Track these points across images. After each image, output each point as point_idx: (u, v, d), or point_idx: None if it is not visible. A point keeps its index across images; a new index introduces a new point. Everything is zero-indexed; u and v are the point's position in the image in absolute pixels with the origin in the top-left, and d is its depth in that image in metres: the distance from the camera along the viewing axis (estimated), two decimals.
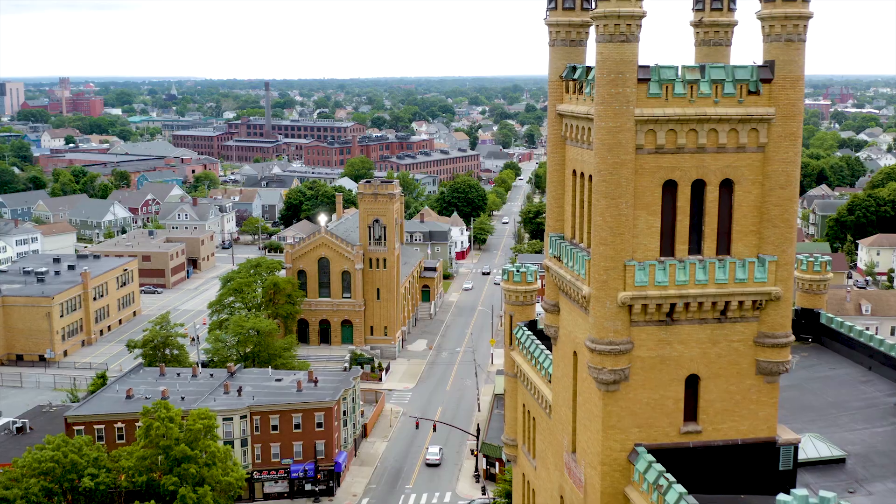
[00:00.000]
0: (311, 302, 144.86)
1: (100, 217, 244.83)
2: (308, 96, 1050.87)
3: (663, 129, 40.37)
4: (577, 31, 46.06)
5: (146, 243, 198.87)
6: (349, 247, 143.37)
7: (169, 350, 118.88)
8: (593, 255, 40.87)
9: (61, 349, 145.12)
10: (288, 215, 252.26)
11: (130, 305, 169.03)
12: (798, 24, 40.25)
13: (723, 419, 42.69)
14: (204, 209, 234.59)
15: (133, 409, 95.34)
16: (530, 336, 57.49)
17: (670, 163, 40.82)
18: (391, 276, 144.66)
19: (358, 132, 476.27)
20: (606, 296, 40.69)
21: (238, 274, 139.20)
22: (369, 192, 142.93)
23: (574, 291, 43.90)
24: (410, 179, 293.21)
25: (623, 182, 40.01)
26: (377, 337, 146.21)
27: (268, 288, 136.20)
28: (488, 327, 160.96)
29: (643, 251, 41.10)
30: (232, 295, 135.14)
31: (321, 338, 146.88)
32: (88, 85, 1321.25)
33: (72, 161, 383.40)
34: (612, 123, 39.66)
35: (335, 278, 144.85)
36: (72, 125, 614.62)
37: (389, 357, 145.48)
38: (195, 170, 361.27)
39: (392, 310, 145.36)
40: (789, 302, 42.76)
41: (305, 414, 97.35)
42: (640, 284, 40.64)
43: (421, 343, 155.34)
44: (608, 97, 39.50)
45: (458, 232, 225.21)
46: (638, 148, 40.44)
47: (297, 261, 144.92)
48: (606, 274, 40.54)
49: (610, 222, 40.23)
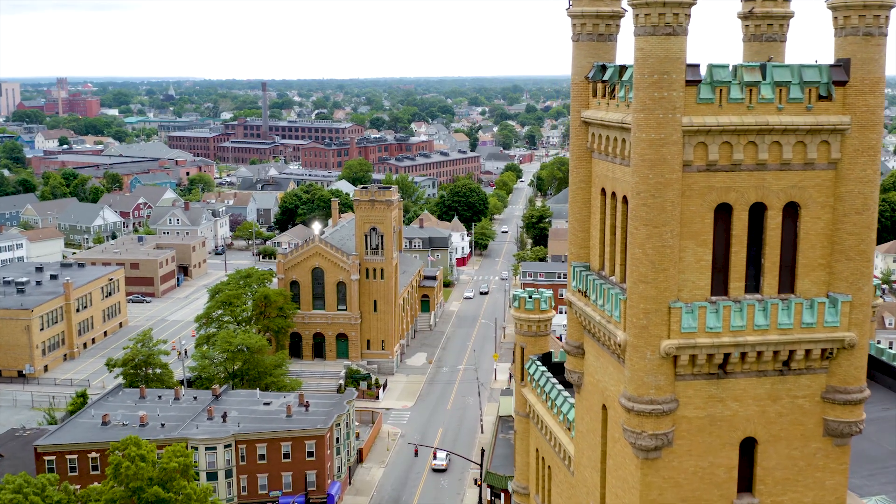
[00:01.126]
0: (304, 314, 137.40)
1: (89, 222, 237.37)
2: (307, 97, 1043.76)
3: (716, 141, 33.24)
4: (605, 24, 38.86)
5: (135, 250, 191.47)
6: (345, 256, 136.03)
7: (151, 369, 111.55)
8: (630, 295, 33.67)
9: (41, 364, 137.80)
10: (283, 220, 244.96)
11: (116, 317, 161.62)
12: (879, 14, 33.15)
13: (784, 490, 35.74)
14: (196, 214, 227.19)
15: (109, 436, 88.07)
16: (545, 374, 50.31)
17: (724, 182, 33.70)
18: (389, 288, 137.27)
19: (356, 133, 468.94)
20: (647, 345, 33.49)
21: (227, 285, 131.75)
22: (366, 198, 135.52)
23: (604, 335, 36.69)
24: (409, 182, 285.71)
25: (668, 206, 32.80)
26: (374, 351, 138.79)
27: (258, 300, 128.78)
28: (490, 339, 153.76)
29: (691, 290, 33.96)
30: (220, 308, 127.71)
31: (315, 352, 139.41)
32: (86, 85, 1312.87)
33: (64, 163, 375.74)
34: (654, 135, 32.45)
35: (330, 289, 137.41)
36: (67, 126, 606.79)
37: (387, 372, 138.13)
38: (190, 172, 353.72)
39: (390, 322, 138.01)
40: (865, 350, 35.54)
41: (295, 442, 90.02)
42: (688, 331, 33.50)
43: (420, 357, 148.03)
44: (650, 103, 32.29)
45: (459, 237, 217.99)
46: (685, 165, 33.29)
47: (289, 271, 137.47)
48: (647, 318, 33.35)
49: (651, 255, 33.02)
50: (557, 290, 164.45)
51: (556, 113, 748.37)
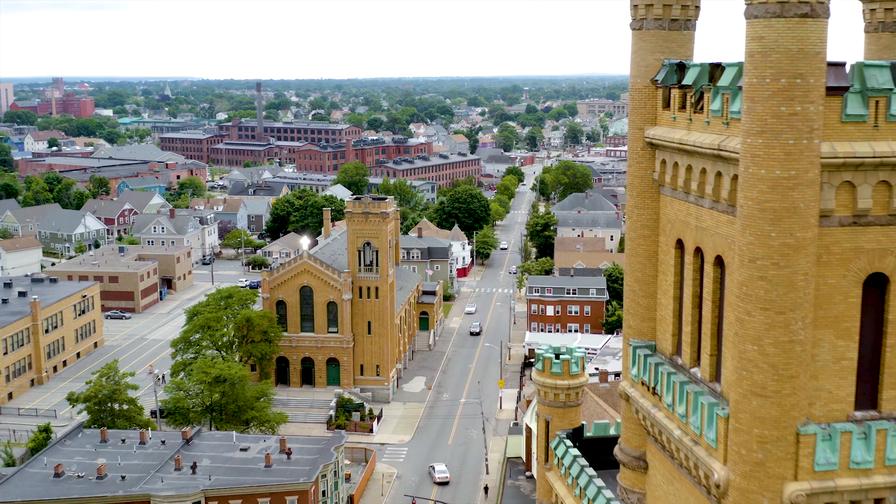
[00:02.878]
0: (291, 337, 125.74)
1: (71, 230, 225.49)
2: (305, 97, 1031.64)
3: (870, 180, 21.78)
4: (681, 5, 27.32)
5: (115, 262, 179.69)
6: (336, 274, 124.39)
7: (118, 404, 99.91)
8: (738, 413, 22.19)
9: (5, 392, 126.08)
10: (275, 227, 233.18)
11: (90, 336, 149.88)
12: None
13: None
14: (182, 221, 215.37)
15: (61, 492, 76.78)
16: (577, 459, 38.69)
17: (879, 242, 22.26)
18: (384, 308, 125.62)
19: (353, 135, 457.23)
20: (762, 489, 21.98)
21: (206, 307, 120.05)
22: (359, 210, 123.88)
23: (685, 458, 25.16)
24: (408, 187, 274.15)
25: (798, 281, 21.32)
26: (368, 377, 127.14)
27: (240, 324, 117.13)
28: (494, 361, 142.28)
29: (826, 403, 22.52)
30: (199, 332, 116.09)
31: (304, 378, 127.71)
32: (83, 85, 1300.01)
33: (51, 166, 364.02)
34: (780, 171, 20.94)
35: (320, 310, 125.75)
36: (58, 127, 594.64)
37: (382, 400, 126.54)
38: (180, 175, 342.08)
39: (385, 346, 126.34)
40: None
41: (275, 498, 78.39)
42: (826, 468, 22.04)
43: (419, 381, 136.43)
44: (774, 122, 20.78)
45: (460, 247, 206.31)
46: (823, 216, 21.85)
47: (275, 290, 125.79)
48: (763, 449, 21.84)
49: (773, 355, 21.50)
50: (566, 307, 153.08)
51: (556, 114, 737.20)
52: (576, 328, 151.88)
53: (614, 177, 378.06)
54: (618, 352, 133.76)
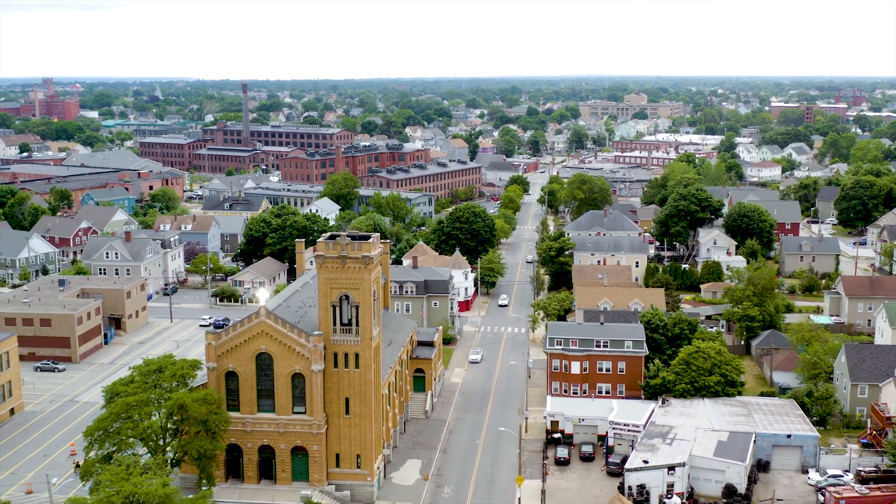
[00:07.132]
0: (245, 420, 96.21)
1: (14, 254, 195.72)
2: (299, 98, 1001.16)
3: None
4: None
5: (50, 299, 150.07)
6: (303, 337, 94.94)
7: None
8: None
9: None
10: (248, 251, 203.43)
11: (6, 401, 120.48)
12: None
13: None
14: (140, 246, 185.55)
15: None
16: None
17: None
18: (367, 380, 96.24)
19: (345, 140, 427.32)
20: None
21: (128, 385, 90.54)
22: (333, 254, 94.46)
23: None
24: (402, 202, 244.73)
25: None
26: (345, 470, 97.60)
27: (171, 410, 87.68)
28: (508, 440, 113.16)
29: None
30: (118, 420, 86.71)
31: (262, 472, 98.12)
32: (75, 86, 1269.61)
33: (15, 175, 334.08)
34: None
35: (282, 384, 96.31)
36: (36, 130, 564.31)
37: (365, 500, 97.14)
38: (153, 186, 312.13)
39: (368, 429, 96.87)
40: None
41: None
42: None
43: (412, 467, 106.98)
44: None
45: (462, 276, 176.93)
46: None
47: (224, 358, 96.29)
48: None
49: None
50: (595, 364, 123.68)
51: (558, 116, 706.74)
52: (607, 389, 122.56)
53: (627, 186, 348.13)
54: (669, 431, 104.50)
